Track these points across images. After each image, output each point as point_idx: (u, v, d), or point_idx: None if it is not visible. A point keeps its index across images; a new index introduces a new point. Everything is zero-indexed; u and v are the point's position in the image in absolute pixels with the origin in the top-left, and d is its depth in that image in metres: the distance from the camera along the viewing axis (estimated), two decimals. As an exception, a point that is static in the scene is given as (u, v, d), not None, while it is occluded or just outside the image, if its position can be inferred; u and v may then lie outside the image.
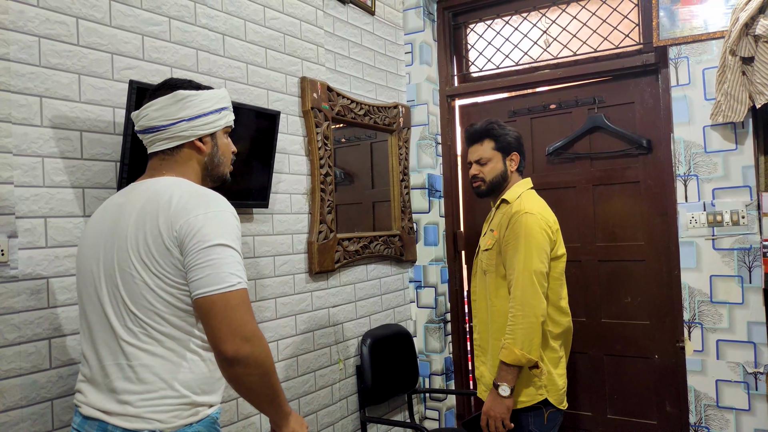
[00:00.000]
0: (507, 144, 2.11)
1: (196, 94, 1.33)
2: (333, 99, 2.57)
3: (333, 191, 2.55)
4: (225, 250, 1.20)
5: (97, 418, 1.23)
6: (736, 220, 2.36)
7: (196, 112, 1.32)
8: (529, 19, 3.04)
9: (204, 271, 1.18)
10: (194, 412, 1.26)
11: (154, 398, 1.21)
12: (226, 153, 1.43)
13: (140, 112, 1.33)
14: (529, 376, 1.95)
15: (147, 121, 1.32)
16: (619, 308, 2.78)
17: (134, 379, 1.22)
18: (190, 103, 1.32)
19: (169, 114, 1.31)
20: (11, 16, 1.52)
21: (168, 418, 1.22)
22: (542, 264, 1.93)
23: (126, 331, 1.23)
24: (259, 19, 2.27)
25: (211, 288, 1.17)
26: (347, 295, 2.68)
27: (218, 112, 1.37)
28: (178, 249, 1.20)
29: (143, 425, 1.20)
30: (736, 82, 2.24)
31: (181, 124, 1.31)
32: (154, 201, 1.24)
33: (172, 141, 1.33)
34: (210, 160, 1.39)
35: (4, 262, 1.48)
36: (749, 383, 2.35)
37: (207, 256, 1.18)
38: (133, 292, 1.23)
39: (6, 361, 1.48)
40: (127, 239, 1.24)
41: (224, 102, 1.39)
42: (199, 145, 1.35)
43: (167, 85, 1.35)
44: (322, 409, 2.51)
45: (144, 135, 1.35)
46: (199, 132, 1.34)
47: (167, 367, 1.23)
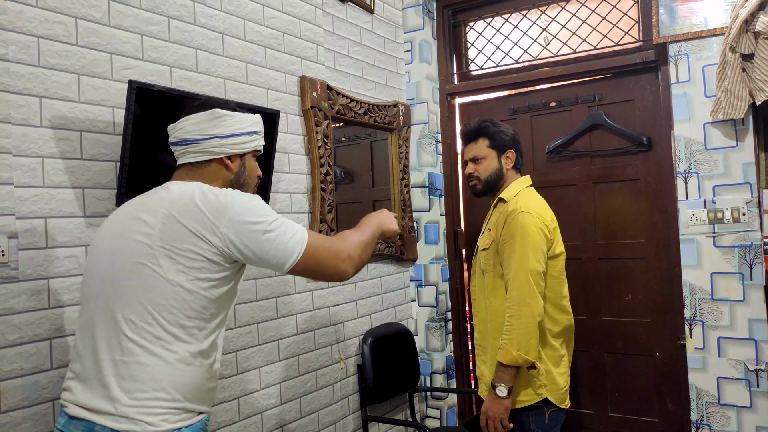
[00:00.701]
0: (502, 141, 2.10)
1: (231, 114, 1.41)
2: (333, 98, 2.57)
3: (333, 190, 2.55)
4: (275, 224, 1.31)
5: (83, 418, 1.22)
6: (736, 218, 2.36)
7: (229, 131, 1.40)
8: (529, 17, 3.04)
9: (275, 253, 1.30)
10: (184, 417, 1.26)
11: (144, 399, 1.21)
12: (252, 175, 1.50)
13: (176, 124, 1.41)
14: (528, 376, 1.94)
15: (182, 133, 1.39)
16: (620, 306, 2.78)
17: (127, 377, 1.21)
18: (225, 122, 1.39)
19: (204, 129, 1.38)
20: (10, 17, 1.51)
21: (157, 421, 1.21)
22: (538, 263, 1.91)
23: (130, 327, 1.23)
24: (258, 18, 2.26)
25: (292, 258, 1.32)
26: (348, 294, 2.68)
27: (250, 135, 1.44)
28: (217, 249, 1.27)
29: (132, 426, 1.19)
30: (736, 79, 2.24)
31: (214, 140, 1.38)
32: (181, 203, 1.28)
33: (203, 155, 1.39)
34: (236, 178, 1.45)
35: (4, 262, 1.48)
36: (750, 380, 2.35)
37: (266, 241, 1.29)
38: (151, 287, 1.24)
39: (7, 361, 1.48)
40: (151, 236, 1.26)
41: (257, 127, 1.47)
42: (227, 162, 1.42)
43: (207, 104, 1.43)
44: (324, 408, 2.51)
45: (176, 147, 1.41)
46: (229, 150, 1.40)
47: (163, 369, 1.23)
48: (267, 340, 2.25)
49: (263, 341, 2.23)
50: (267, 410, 2.23)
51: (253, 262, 1.32)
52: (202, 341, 1.29)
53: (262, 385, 2.22)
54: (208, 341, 1.31)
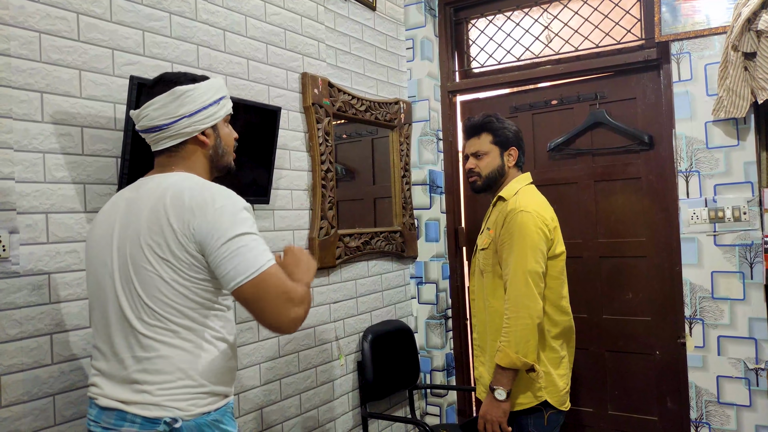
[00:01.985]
0: (505, 138, 2.06)
1: (193, 88, 1.32)
2: (334, 95, 2.57)
3: (334, 187, 2.55)
4: (245, 238, 1.22)
5: (115, 408, 1.24)
6: (737, 216, 2.36)
7: (195, 107, 1.32)
8: (531, 15, 3.03)
9: (233, 263, 1.21)
10: (212, 401, 1.28)
11: (172, 387, 1.23)
12: (229, 142, 1.44)
13: (140, 111, 1.33)
14: (527, 378, 1.90)
15: (148, 121, 1.32)
16: (621, 304, 2.78)
17: (152, 371, 1.23)
18: (188, 98, 1.31)
19: (169, 112, 1.30)
20: (12, 12, 1.52)
21: (187, 406, 1.23)
22: (537, 264, 1.87)
23: (142, 324, 1.24)
24: (260, 14, 2.26)
25: (244, 275, 1.21)
26: (348, 291, 2.69)
27: (217, 103, 1.37)
28: (195, 246, 1.23)
29: (162, 413, 1.21)
30: (738, 78, 2.24)
31: (182, 121, 1.31)
32: (165, 197, 1.26)
33: (176, 138, 1.33)
34: (215, 152, 1.39)
35: (5, 257, 1.48)
36: (750, 379, 2.35)
37: (231, 247, 1.21)
38: (149, 285, 1.24)
39: (8, 356, 1.49)
40: (140, 234, 1.25)
41: (222, 91, 1.39)
42: (202, 139, 1.36)
43: (163, 80, 1.34)
44: (324, 404, 2.52)
45: (147, 134, 1.35)
46: (201, 126, 1.34)
47: (185, 357, 1.25)
48: (267, 336, 2.25)
49: (263, 338, 2.23)
50: (267, 406, 2.24)
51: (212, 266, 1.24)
52: (214, 326, 1.30)
53: (261, 382, 2.22)
54: (219, 324, 1.31)
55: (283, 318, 1.24)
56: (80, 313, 1.63)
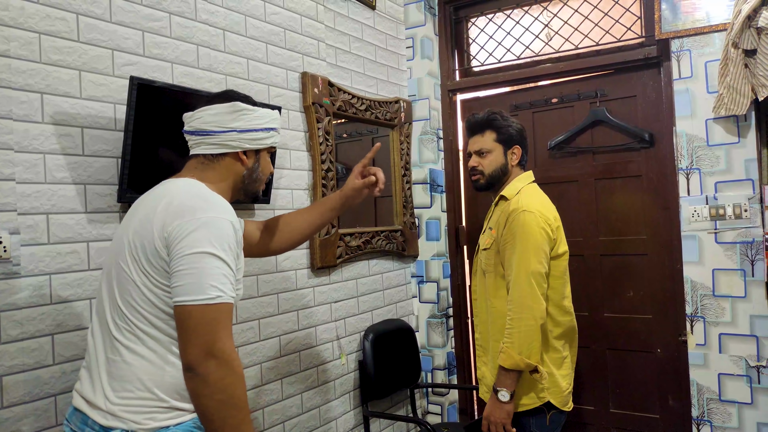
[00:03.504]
0: (509, 136, 2.04)
1: (252, 109, 1.38)
2: (334, 94, 2.57)
3: (335, 186, 2.55)
4: (211, 260, 1.17)
5: (81, 410, 1.25)
6: (738, 214, 2.36)
7: (248, 125, 1.37)
8: (531, 13, 3.03)
9: (185, 279, 1.16)
10: (173, 416, 1.23)
11: (130, 398, 1.22)
12: (265, 172, 1.48)
13: (195, 113, 1.37)
14: (530, 379, 1.89)
15: (200, 123, 1.36)
16: (622, 302, 2.78)
17: (115, 375, 1.23)
18: (245, 116, 1.37)
19: (222, 122, 1.35)
20: (12, 13, 1.52)
21: (143, 420, 1.21)
22: (540, 264, 1.86)
23: (115, 327, 1.25)
24: (260, 14, 2.26)
25: (189, 297, 1.15)
26: (349, 291, 2.69)
27: (267, 131, 1.41)
28: (165, 250, 1.20)
29: (118, 424, 1.20)
30: (738, 75, 2.23)
31: (232, 134, 1.36)
32: (158, 202, 1.26)
33: (218, 148, 1.36)
34: (249, 174, 1.43)
35: (6, 258, 1.48)
36: (752, 377, 2.35)
37: (191, 263, 1.16)
38: (123, 288, 1.25)
39: (9, 357, 1.49)
40: (129, 238, 1.26)
41: (275, 123, 1.44)
42: (242, 157, 1.39)
43: (227, 95, 1.39)
44: (325, 404, 2.52)
45: (191, 136, 1.38)
46: (246, 145, 1.38)
47: (147, 369, 1.22)
48: (268, 336, 2.25)
49: (264, 337, 2.23)
50: (268, 406, 2.24)
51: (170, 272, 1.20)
52: None
53: (263, 381, 2.22)
54: None
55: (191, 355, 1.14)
56: (81, 314, 1.64)
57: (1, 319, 1.48)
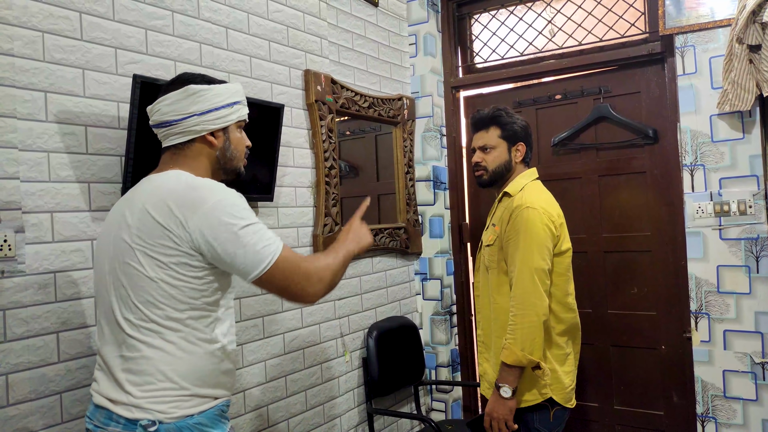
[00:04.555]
0: (514, 133, 2.03)
1: (207, 88, 1.34)
2: (337, 91, 2.56)
3: (338, 184, 2.55)
4: (246, 231, 1.24)
5: (104, 407, 1.26)
6: (743, 210, 2.35)
7: (207, 106, 1.34)
8: (534, 9, 3.02)
9: (242, 259, 1.24)
10: (196, 403, 1.27)
11: (153, 390, 1.24)
12: (239, 147, 1.44)
13: (153, 106, 1.36)
14: (532, 375, 1.89)
15: (159, 115, 1.34)
16: (626, 299, 2.78)
17: (136, 371, 1.24)
18: (201, 97, 1.33)
19: (180, 108, 1.32)
20: (15, 12, 1.52)
21: (168, 408, 1.23)
22: (543, 261, 1.86)
23: (128, 324, 1.26)
24: (263, 11, 2.26)
25: (256, 270, 1.24)
26: (353, 288, 2.69)
27: (230, 107, 1.38)
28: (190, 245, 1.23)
29: (143, 415, 1.22)
30: (743, 71, 2.22)
31: (193, 118, 1.33)
32: (155, 196, 1.26)
33: (184, 135, 1.34)
34: (222, 154, 1.40)
35: (11, 257, 1.49)
36: (757, 373, 2.34)
37: (237, 244, 1.23)
38: (136, 284, 1.25)
39: (15, 355, 1.49)
40: (130, 234, 1.26)
41: (237, 96, 1.40)
42: (210, 139, 1.37)
43: (180, 79, 1.36)
44: (329, 401, 2.52)
45: (157, 129, 1.37)
46: (210, 126, 1.35)
47: (167, 359, 1.25)
48: (272, 333, 2.25)
49: (268, 334, 2.24)
50: (272, 403, 2.25)
51: (220, 263, 1.26)
52: (202, 327, 1.29)
53: (267, 378, 2.23)
54: (209, 326, 1.30)
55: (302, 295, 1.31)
56: (86, 312, 1.64)
57: (6, 317, 1.48)
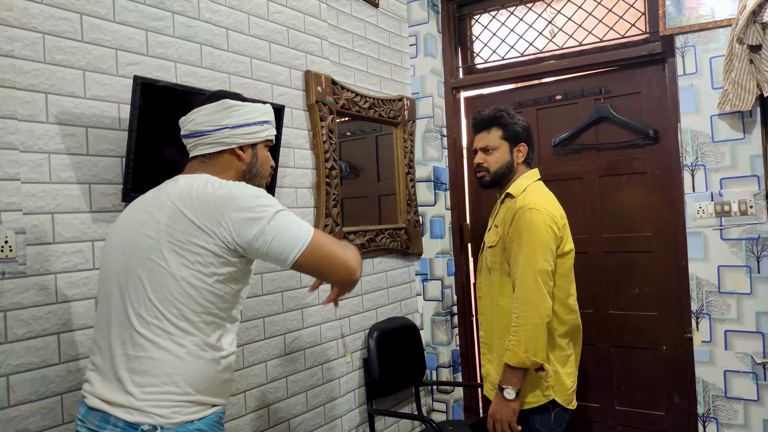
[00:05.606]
0: (515, 134, 2.03)
1: (241, 105, 1.40)
2: (337, 92, 2.57)
3: (338, 185, 2.55)
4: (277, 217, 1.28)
5: (100, 409, 1.24)
6: (744, 210, 2.35)
7: (240, 121, 1.39)
8: (534, 10, 3.02)
9: (279, 244, 1.27)
10: (197, 410, 1.27)
11: (156, 392, 1.23)
12: (265, 165, 1.49)
13: (188, 117, 1.40)
14: (535, 377, 1.88)
15: (193, 125, 1.39)
16: (627, 299, 2.78)
17: (139, 371, 1.23)
18: (236, 111, 1.39)
19: (214, 120, 1.38)
20: (16, 13, 1.52)
21: (169, 413, 1.23)
22: (547, 262, 1.85)
23: (140, 322, 1.25)
24: (263, 12, 2.26)
25: (293, 252, 1.27)
26: (353, 289, 2.68)
27: (261, 125, 1.43)
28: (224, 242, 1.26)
29: (144, 419, 1.21)
30: (743, 71, 2.22)
31: (225, 131, 1.38)
32: (188, 196, 1.28)
33: (214, 146, 1.39)
34: (248, 169, 1.44)
35: (12, 258, 1.49)
36: (758, 373, 2.34)
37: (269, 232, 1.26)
38: (156, 280, 1.25)
39: (15, 356, 1.50)
40: (158, 230, 1.26)
41: (268, 116, 1.46)
42: (239, 153, 1.41)
43: (217, 95, 1.42)
44: (330, 401, 2.52)
45: (188, 139, 1.41)
46: (240, 140, 1.40)
47: (173, 363, 1.24)
48: (273, 334, 2.26)
49: (269, 335, 2.24)
50: (273, 404, 2.25)
51: (256, 253, 1.29)
52: (211, 334, 1.30)
53: (268, 379, 2.23)
54: (217, 334, 1.31)
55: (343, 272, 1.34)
56: (87, 313, 1.64)
57: (7, 318, 1.49)
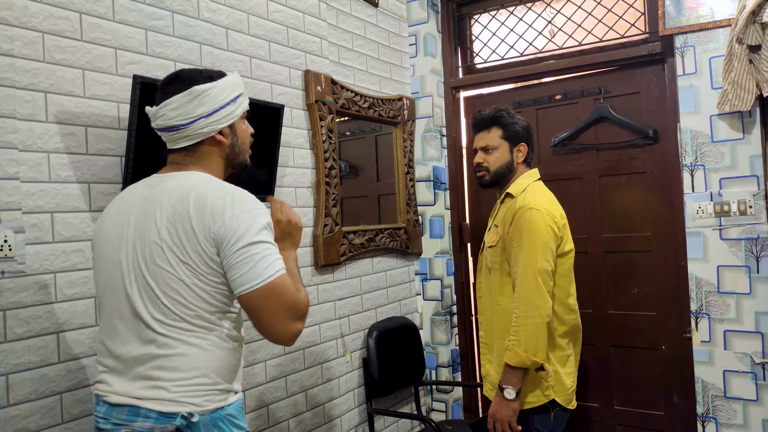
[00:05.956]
0: (515, 133, 2.03)
1: (211, 87, 1.30)
2: (337, 92, 2.56)
3: (338, 184, 2.55)
4: (259, 246, 1.23)
5: (127, 404, 1.24)
6: (743, 210, 2.35)
7: (213, 107, 1.31)
8: (534, 9, 3.02)
9: (243, 268, 1.22)
10: (225, 397, 1.29)
11: (188, 384, 1.24)
12: (245, 139, 1.42)
13: (157, 111, 1.31)
14: (535, 377, 1.88)
15: (164, 120, 1.30)
16: (626, 299, 2.78)
17: (168, 368, 1.24)
18: (206, 98, 1.29)
19: (186, 112, 1.29)
20: (15, 12, 1.52)
21: (202, 402, 1.25)
22: (547, 262, 1.85)
23: (158, 324, 1.24)
24: (263, 12, 2.26)
25: (252, 283, 1.22)
26: (353, 288, 2.69)
27: (234, 101, 1.35)
28: (215, 250, 1.23)
29: (178, 408, 1.22)
30: (743, 71, 2.22)
31: (200, 121, 1.30)
32: (186, 200, 1.25)
33: (193, 138, 1.32)
34: (231, 150, 1.39)
35: (11, 257, 1.49)
36: (757, 373, 2.34)
37: (244, 254, 1.22)
38: (167, 286, 1.24)
39: (15, 355, 1.50)
40: (160, 236, 1.24)
41: (239, 88, 1.37)
42: (219, 138, 1.34)
43: (180, 78, 1.32)
44: (329, 401, 2.52)
45: (163, 133, 1.34)
46: (218, 126, 1.33)
47: (201, 356, 1.26)
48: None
49: (269, 335, 2.24)
50: (273, 403, 2.25)
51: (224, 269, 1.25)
52: (229, 326, 1.31)
53: (267, 379, 2.23)
54: (233, 324, 1.33)
55: (283, 331, 1.26)
56: (86, 312, 1.64)
57: (6, 318, 1.48)
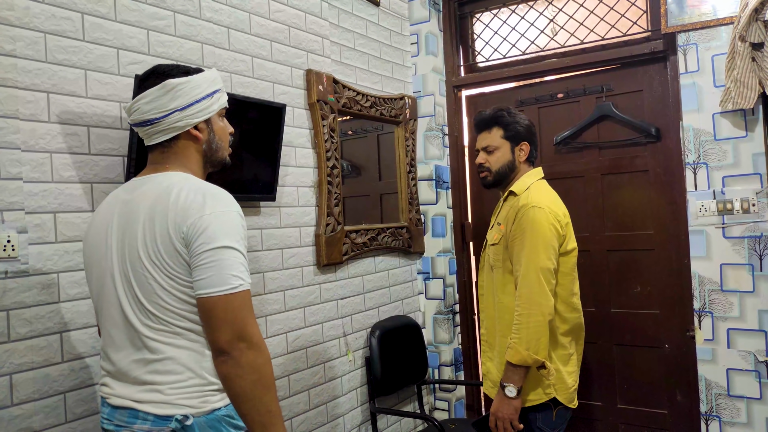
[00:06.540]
0: (516, 133, 2.03)
1: (185, 81, 1.28)
2: (339, 91, 2.56)
3: (340, 184, 2.55)
4: (228, 252, 1.20)
5: (127, 407, 1.24)
6: (746, 208, 2.34)
7: (187, 100, 1.28)
8: (536, 8, 3.02)
9: (207, 272, 1.18)
10: (221, 397, 1.28)
11: (183, 386, 1.24)
12: (223, 137, 1.39)
13: (132, 105, 1.29)
14: (537, 375, 1.88)
15: (139, 114, 1.28)
16: (629, 298, 2.77)
17: (163, 371, 1.23)
18: (180, 91, 1.27)
19: (160, 106, 1.26)
20: (17, 13, 1.52)
21: (198, 403, 1.24)
22: (549, 261, 1.85)
23: (146, 328, 1.24)
24: (264, 11, 2.26)
25: (213, 289, 1.18)
26: (355, 287, 2.69)
27: (210, 97, 1.32)
28: (186, 249, 1.20)
29: (174, 410, 1.22)
30: (745, 69, 2.22)
31: (174, 114, 1.27)
32: (162, 201, 1.23)
33: (168, 133, 1.29)
34: (208, 146, 1.36)
35: (14, 257, 1.49)
36: (760, 372, 2.33)
37: (211, 257, 1.18)
38: (148, 291, 1.23)
39: (18, 355, 1.50)
40: (137, 239, 1.23)
41: (216, 84, 1.34)
42: (195, 133, 1.32)
43: (155, 73, 1.30)
44: (332, 400, 2.52)
45: (138, 128, 1.32)
46: (193, 120, 1.30)
47: (193, 357, 1.25)
48: (275, 333, 2.26)
49: (271, 334, 2.24)
50: (276, 403, 2.25)
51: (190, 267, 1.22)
52: None
53: (270, 378, 2.23)
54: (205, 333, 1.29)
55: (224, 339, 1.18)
56: (89, 312, 1.65)
57: (10, 318, 1.49)
